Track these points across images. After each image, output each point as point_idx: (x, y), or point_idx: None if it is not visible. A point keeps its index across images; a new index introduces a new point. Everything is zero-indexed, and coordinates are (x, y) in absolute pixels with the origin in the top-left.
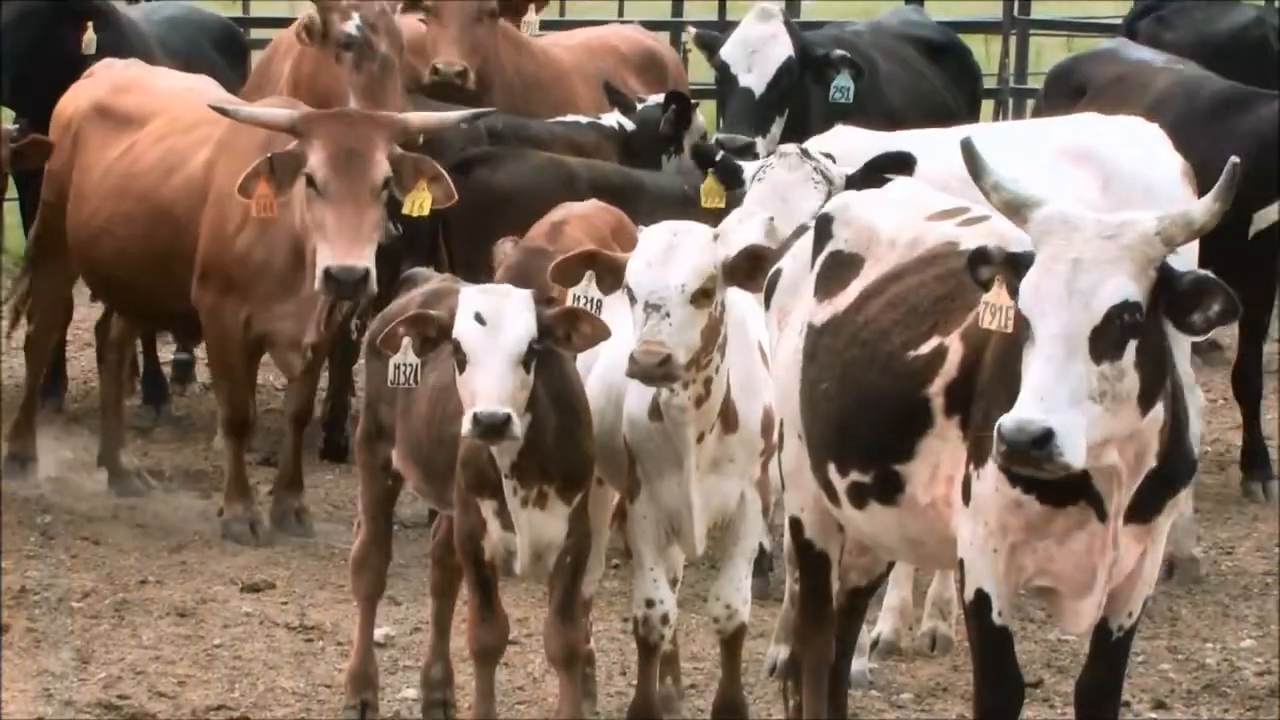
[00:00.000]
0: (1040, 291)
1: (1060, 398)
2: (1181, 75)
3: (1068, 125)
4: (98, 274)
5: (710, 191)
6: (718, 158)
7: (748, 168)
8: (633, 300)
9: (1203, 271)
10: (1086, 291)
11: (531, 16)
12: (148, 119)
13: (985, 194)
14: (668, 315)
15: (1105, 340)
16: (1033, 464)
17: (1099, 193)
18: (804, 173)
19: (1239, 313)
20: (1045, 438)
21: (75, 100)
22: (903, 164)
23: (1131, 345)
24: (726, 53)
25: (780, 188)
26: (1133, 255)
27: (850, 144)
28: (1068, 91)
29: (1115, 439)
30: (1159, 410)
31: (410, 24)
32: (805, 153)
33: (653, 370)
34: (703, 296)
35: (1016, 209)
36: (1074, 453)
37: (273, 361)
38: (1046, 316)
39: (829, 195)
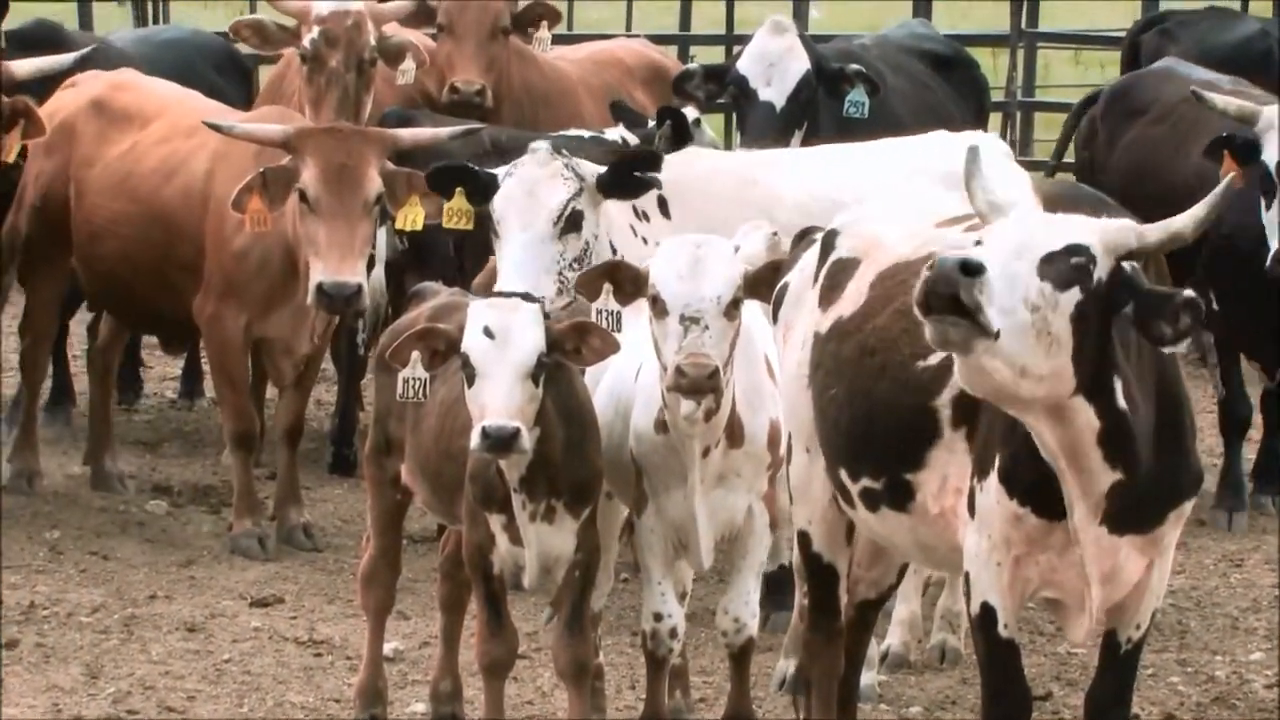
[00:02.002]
0: (1009, 228)
1: (1001, 262)
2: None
3: (922, 145)
4: (96, 271)
5: (457, 211)
6: (475, 170)
7: (500, 173)
8: (663, 313)
9: (1177, 289)
10: (1050, 229)
11: (544, 33)
12: (150, 118)
13: (971, 195)
14: (707, 327)
15: (1055, 265)
16: (951, 286)
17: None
18: (553, 169)
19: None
20: (977, 269)
21: (66, 102)
22: (651, 162)
23: (1074, 292)
24: (744, 67)
25: (528, 183)
26: (1104, 229)
27: (701, 164)
28: (1125, 112)
29: (1037, 378)
30: (1089, 409)
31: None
32: (556, 150)
33: (702, 382)
34: (733, 308)
35: (1001, 209)
36: (996, 304)
37: (266, 369)
38: (1008, 236)
39: (579, 192)
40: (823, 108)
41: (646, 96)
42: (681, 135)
